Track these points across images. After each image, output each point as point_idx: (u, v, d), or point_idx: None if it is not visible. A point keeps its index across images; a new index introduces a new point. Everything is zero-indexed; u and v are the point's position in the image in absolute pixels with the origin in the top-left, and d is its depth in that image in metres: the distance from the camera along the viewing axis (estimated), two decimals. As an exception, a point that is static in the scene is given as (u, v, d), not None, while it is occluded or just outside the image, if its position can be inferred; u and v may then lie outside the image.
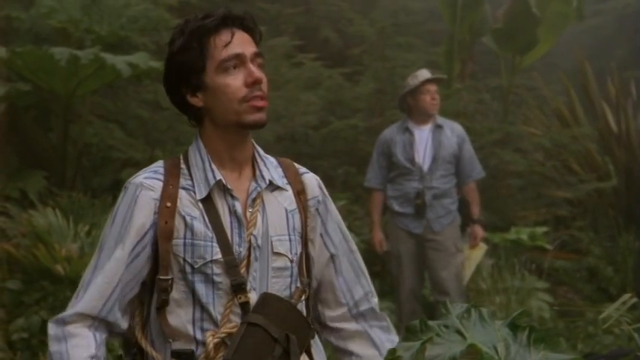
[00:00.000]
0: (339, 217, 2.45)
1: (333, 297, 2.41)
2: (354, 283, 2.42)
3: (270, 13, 10.45)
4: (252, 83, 2.21)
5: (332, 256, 2.40)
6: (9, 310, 5.65)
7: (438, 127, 6.21)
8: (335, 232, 2.42)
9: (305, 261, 2.36)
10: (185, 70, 2.24)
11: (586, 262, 7.85)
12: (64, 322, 2.21)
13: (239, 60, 2.22)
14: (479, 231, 6.32)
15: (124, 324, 2.25)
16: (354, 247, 2.46)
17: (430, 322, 1.54)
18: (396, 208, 6.25)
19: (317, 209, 2.38)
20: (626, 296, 2.59)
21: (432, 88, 6.20)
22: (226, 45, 2.21)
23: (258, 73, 2.22)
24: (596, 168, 8.78)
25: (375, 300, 2.46)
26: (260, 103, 2.23)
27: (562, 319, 6.75)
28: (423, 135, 6.23)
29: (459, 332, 1.51)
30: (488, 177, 7.01)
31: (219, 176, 2.25)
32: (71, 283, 5.61)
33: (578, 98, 9.17)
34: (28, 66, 6.70)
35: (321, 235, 2.39)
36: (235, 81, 2.22)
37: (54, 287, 5.64)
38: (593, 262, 7.80)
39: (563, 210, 8.71)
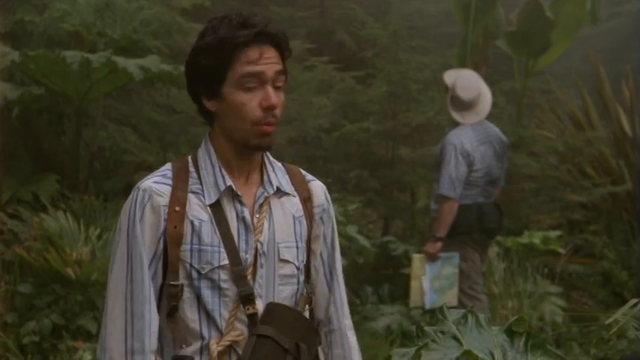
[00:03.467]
0: (335, 229, 2.43)
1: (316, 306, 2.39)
2: (333, 300, 2.39)
3: (283, 15, 10.45)
4: (267, 108, 2.19)
5: (323, 264, 2.38)
6: (20, 313, 5.68)
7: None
8: (329, 243, 2.40)
9: (309, 268, 2.35)
10: (206, 73, 2.21)
11: (600, 267, 7.80)
12: None
13: (259, 79, 2.19)
14: (426, 246, 6.06)
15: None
16: (338, 265, 2.42)
17: (426, 328, 1.52)
18: None
19: (321, 217, 2.36)
20: (634, 301, 2.56)
21: None
22: (251, 62, 2.18)
23: (274, 98, 2.19)
24: (610, 172, 8.73)
25: (346, 322, 2.41)
26: (270, 129, 2.21)
27: (575, 324, 6.71)
28: None
29: (455, 338, 1.49)
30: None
31: (229, 182, 2.24)
32: (82, 287, 5.64)
33: (593, 101, 9.11)
34: (40, 69, 6.73)
35: (320, 243, 2.37)
36: (251, 101, 2.19)
37: (65, 291, 5.66)
38: (608, 267, 7.75)
39: (577, 214, 8.66)
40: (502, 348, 1.49)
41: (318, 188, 2.38)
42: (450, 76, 6.24)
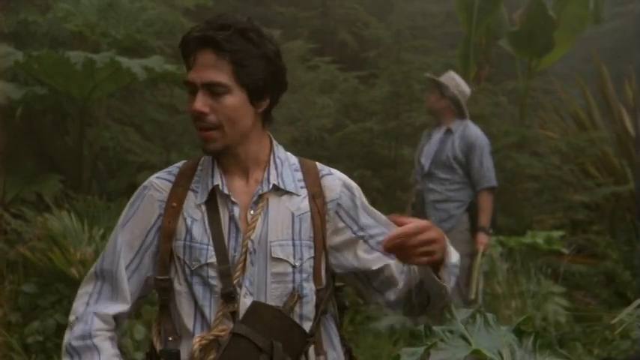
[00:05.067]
0: (366, 207, 2.37)
1: (387, 275, 2.34)
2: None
3: (286, 16, 10.47)
4: (191, 113, 2.21)
5: (364, 240, 2.33)
6: (24, 313, 5.68)
7: (448, 131, 6.15)
8: (368, 222, 2.34)
9: (319, 266, 2.31)
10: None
11: (603, 267, 7.80)
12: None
13: (192, 87, 2.21)
14: (481, 239, 6.01)
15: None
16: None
17: (435, 328, 1.52)
18: (409, 210, 6.25)
19: (337, 212, 2.33)
20: (639, 301, 2.56)
21: (434, 88, 6.18)
22: (190, 68, 2.21)
23: (198, 104, 2.18)
24: (613, 171, 8.72)
25: None
26: (201, 134, 2.22)
27: (579, 324, 6.71)
28: (435, 138, 6.20)
29: (463, 338, 1.50)
30: (504, 180, 6.97)
31: (217, 181, 2.26)
32: (86, 287, 5.64)
33: (596, 101, 9.12)
34: (44, 70, 6.73)
35: (351, 229, 2.33)
36: (191, 105, 2.21)
37: (69, 290, 5.65)
38: (611, 267, 7.74)
39: (580, 214, 8.66)
40: (510, 347, 1.49)
41: (333, 182, 2.35)
42: (441, 76, 6.27)
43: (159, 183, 2.29)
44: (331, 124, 8.52)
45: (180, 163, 2.36)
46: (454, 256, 2.27)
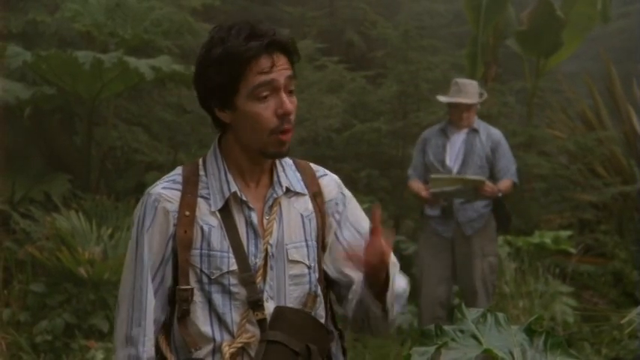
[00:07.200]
0: (361, 215, 2.38)
1: (349, 288, 2.33)
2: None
3: (294, 15, 10.46)
4: (283, 115, 2.17)
5: (344, 249, 2.33)
6: (33, 312, 5.71)
7: (473, 131, 6.17)
8: (349, 230, 2.35)
9: (321, 264, 2.33)
10: (217, 87, 2.20)
11: (611, 266, 7.79)
12: None
13: (272, 87, 2.17)
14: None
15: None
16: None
17: (446, 327, 1.52)
18: (427, 210, 6.23)
19: (335, 212, 2.35)
20: (649, 301, 2.57)
21: (463, 107, 6.14)
22: (263, 72, 2.16)
23: (289, 104, 2.17)
24: (621, 171, 8.71)
25: None
26: (286, 137, 2.19)
27: (587, 324, 6.71)
28: (458, 138, 6.19)
29: (474, 337, 1.50)
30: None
31: (234, 188, 2.24)
32: (94, 286, 5.66)
33: (604, 101, 9.10)
34: (52, 69, 6.76)
35: (335, 234, 2.34)
36: (266, 111, 2.17)
37: (77, 290, 5.68)
38: (619, 266, 7.74)
39: (588, 213, 8.64)
40: (521, 347, 1.49)
41: (330, 182, 2.37)
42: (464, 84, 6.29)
43: (167, 193, 2.24)
44: (339, 124, 8.51)
45: (179, 170, 2.30)
46: (401, 283, 2.30)
